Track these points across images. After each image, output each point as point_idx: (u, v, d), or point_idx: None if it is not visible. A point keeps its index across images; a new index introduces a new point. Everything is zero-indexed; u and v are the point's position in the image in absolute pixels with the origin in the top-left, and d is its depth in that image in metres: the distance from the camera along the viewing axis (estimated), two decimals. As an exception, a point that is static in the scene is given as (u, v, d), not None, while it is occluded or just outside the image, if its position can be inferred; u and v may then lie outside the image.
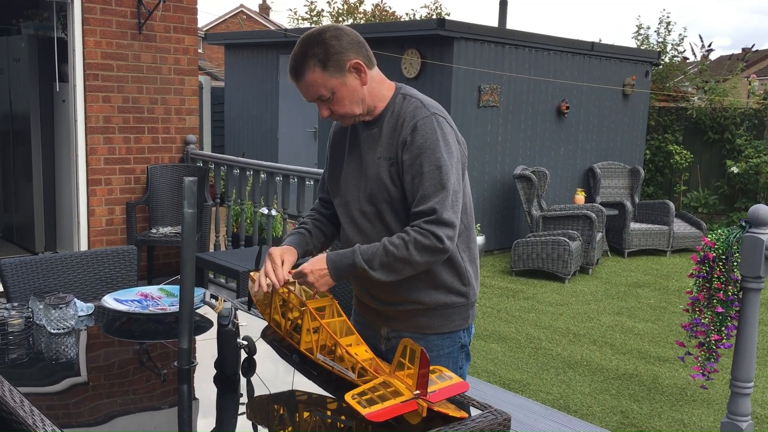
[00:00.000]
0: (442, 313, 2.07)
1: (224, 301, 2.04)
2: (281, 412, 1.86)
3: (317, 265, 1.97)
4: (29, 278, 2.73)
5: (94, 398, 1.88)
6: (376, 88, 2.01)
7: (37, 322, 2.30)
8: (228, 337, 1.94)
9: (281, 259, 2.05)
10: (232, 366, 1.96)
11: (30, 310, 2.32)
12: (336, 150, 2.18)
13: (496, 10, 14.89)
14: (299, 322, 2.03)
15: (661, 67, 11.39)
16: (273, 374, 2.03)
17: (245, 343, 2.03)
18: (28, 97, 6.26)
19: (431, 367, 1.78)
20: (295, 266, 2.07)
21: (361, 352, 1.88)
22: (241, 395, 1.91)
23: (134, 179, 5.82)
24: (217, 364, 1.98)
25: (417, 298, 2.04)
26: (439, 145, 1.93)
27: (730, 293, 3.02)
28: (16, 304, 2.37)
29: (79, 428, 1.70)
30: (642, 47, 12.15)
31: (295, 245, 2.15)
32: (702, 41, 15.95)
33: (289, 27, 17.74)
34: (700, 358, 3.16)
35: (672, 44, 12.16)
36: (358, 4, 18.79)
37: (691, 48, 29.88)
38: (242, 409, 1.85)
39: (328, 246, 2.30)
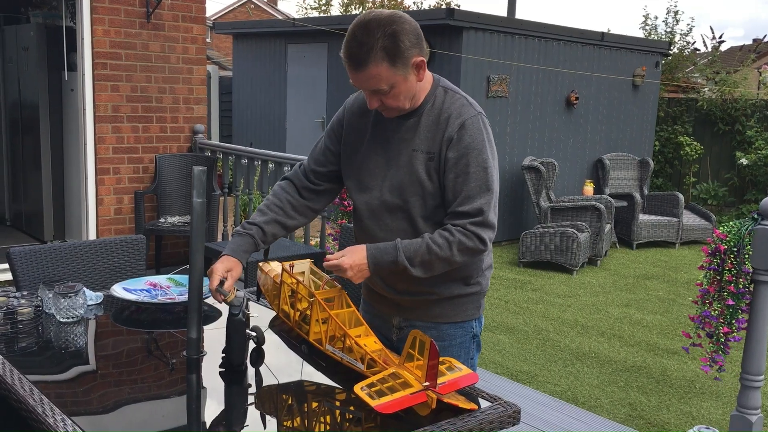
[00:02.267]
0: (456, 303, 2.06)
1: (236, 290, 2.03)
2: (290, 402, 1.86)
3: (357, 259, 1.91)
4: (38, 267, 2.74)
5: (103, 387, 1.88)
6: (418, 89, 1.95)
7: (47, 311, 2.31)
8: (237, 326, 1.93)
9: (221, 276, 1.99)
10: (239, 356, 1.95)
11: (39, 298, 2.32)
12: (354, 129, 2.09)
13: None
14: (308, 312, 2.02)
15: (671, 57, 11.31)
16: (282, 365, 2.03)
17: (254, 333, 2.03)
18: (36, 86, 6.26)
19: (441, 359, 1.77)
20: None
21: (370, 343, 1.87)
22: (250, 385, 1.91)
23: (142, 168, 5.82)
24: (224, 353, 1.98)
25: (433, 289, 2.03)
26: (485, 146, 1.91)
27: (741, 286, 3.00)
28: (25, 292, 2.38)
29: (88, 416, 1.70)
30: (650, 38, 12.07)
31: (240, 255, 2.05)
32: (713, 32, 15.85)
33: (297, 16, 17.69)
34: (708, 350, 3.15)
35: (680, 34, 12.08)
36: (367, -6, 18.73)
37: (702, 39, 29.71)
38: (251, 399, 1.85)
39: (282, 235, 2.17)
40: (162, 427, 1.71)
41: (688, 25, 18.06)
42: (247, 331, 1.97)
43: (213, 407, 1.82)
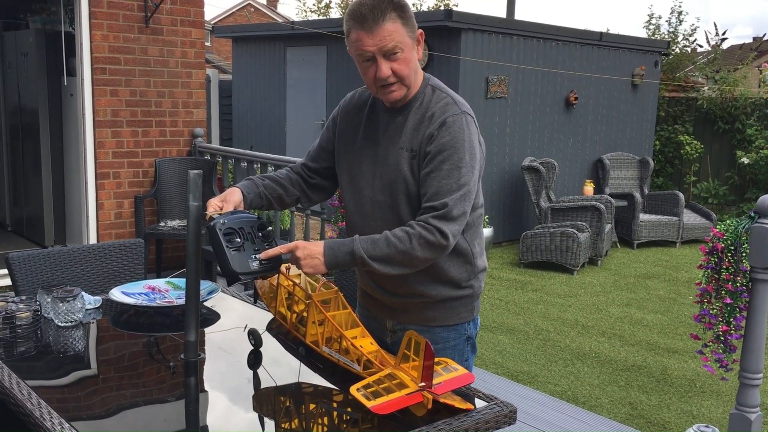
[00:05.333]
0: (448, 306, 2.06)
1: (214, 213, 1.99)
2: (287, 404, 1.86)
3: (312, 246, 1.91)
4: (37, 271, 2.75)
5: (101, 391, 1.89)
6: (417, 70, 1.99)
7: (45, 315, 2.32)
8: (211, 234, 1.88)
9: (216, 207, 2.00)
10: (225, 263, 1.87)
11: (38, 303, 2.33)
12: (347, 128, 2.12)
13: (504, 0, 14.80)
14: (305, 314, 2.03)
15: (671, 57, 11.30)
16: (279, 367, 2.03)
17: (252, 339, 2.03)
18: (36, 91, 6.28)
19: (437, 359, 1.78)
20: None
21: (366, 344, 1.88)
22: (248, 387, 1.92)
23: (142, 173, 5.83)
24: (223, 273, 1.91)
25: (424, 291, 2.03)
26: (463, 145, 1.91)
27: (738, 284, 3.00)
28: (24, 297, 2.38)
29: (87, 421, 1.71)
30: (653, 37, 12.06)
31: (242, 187, 2.10)
32: (716, 29, 15.81)
33: (296, 19, 17.72)
34: (716, 351, 3.14)
35: (683, 35, 12.07)
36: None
37: (706, 36, 29.65)
38: (249, 401, 1.86)
39: (281, 204, 2.20)
40: (161, 431, 1.71)
41: (692, 25, 17.98)
42: (247, 334, 1.97)
43: (211, 410, 1.83)
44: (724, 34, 11.56)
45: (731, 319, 3.02)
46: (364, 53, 1.90)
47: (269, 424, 1.74)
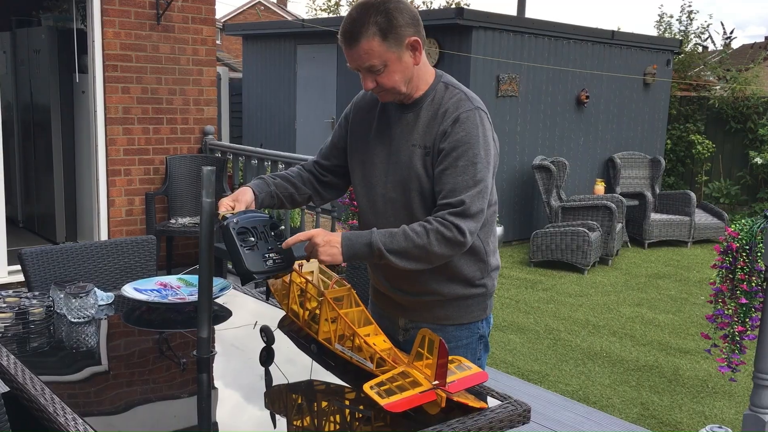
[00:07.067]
0: (461, 304, 2.05)
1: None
2: (299, 401, 1.86)
3: (330, 234, 1.89)
4: (50, 268, 2.75)
5: (114, 387, 1.89)
6: (422, 69, 1.96)
7: (58, 311, 2.32)
8: (225, 234, 1.88)
9: (227, 206, 2.00)
10: (239, 262, 1.86)
11: (51, 299, 2.33)
12: (360, 125, 2.11)
13: (515, -1, 14.74)
14: (317, 312, 2.02)
15: (682, 56, 11.24)
16: (291, 364, 2.03)
17: (264, 336, 2.02)
18: (48, 88, 6.30)
19: (450, 357, 1.77)
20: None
21: (380, 342, 1.87)
22: (260, 385, 1.91)
23: (153, 170, 5.84)
24: (237, 272, 1.91)
25: (437, 289, 2.02)
26: (478, 141, 1.89)
27: (753, 284, 2.97)
28: (37, 293, 2.39)
29: (99, 416, 1.71)
30: (664, 36, 12.00)
31: (253, 186, 2.09)
32: (724, 28, 15.72)
33: (306, 17, 17.72)
34: (725, 350, 3.12)
35: (694, 33, 12.00)
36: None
37: (710, 37, 29.49)
38: (261, 398, 1.85)
39: (292, 203, 2.20)
40: (173, 427, 1.71)
41: (705, 22, 17.97)
42: (259, 331, 1.96)
43: (223, 407, 1.83)
44: (732, 33, 11.50)
45: (747, 320, 3.00)
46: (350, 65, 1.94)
47: (281, 421, 1.73)
